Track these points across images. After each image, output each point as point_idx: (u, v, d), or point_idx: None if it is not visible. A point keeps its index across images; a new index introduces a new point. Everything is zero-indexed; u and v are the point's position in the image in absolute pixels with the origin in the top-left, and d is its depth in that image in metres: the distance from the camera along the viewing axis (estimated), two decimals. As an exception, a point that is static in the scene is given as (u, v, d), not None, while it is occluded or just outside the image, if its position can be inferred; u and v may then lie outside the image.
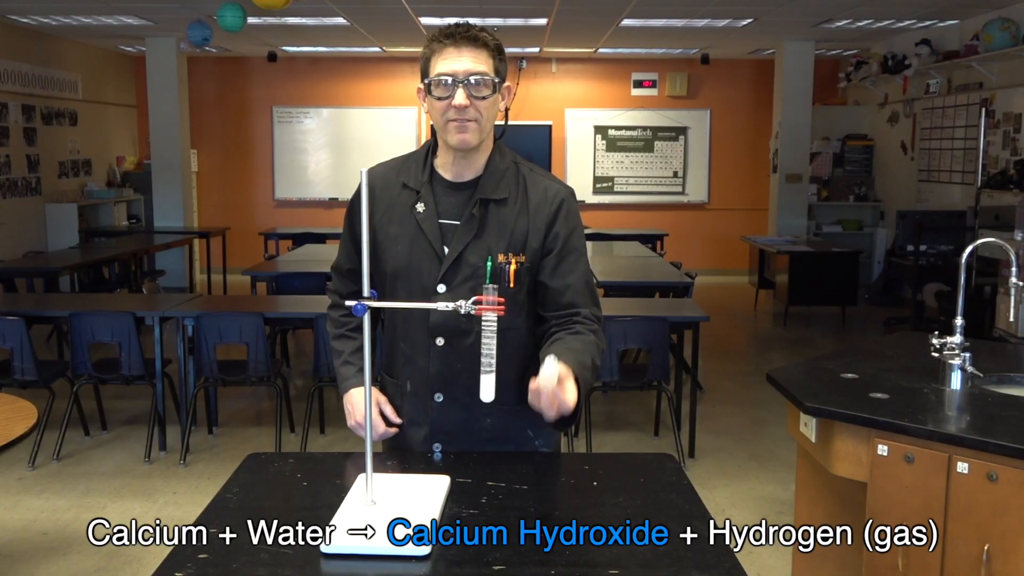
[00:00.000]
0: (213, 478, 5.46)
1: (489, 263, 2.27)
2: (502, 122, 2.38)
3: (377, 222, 2.35)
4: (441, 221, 2.32)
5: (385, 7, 9.06)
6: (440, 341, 2.34)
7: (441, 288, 2.28)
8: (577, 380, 2.06)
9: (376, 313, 2.57)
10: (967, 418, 2.83)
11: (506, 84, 2.30)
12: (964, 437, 2.62)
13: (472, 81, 2.21)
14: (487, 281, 2.25)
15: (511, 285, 2.27)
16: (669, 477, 2.25)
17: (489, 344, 2.01)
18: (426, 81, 2.26)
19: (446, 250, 2.30)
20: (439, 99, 2.23)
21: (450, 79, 2.20)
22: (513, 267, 2.28)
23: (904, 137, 11.56)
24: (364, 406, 2.51)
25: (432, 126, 2.35)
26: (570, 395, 2.00)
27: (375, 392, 2.44)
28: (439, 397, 2.38)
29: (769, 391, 3.97)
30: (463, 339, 2.31)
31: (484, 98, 2.23)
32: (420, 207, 2.32)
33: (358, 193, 2.36)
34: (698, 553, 1.83)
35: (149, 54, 11.62)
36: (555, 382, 1.96)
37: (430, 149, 2.40)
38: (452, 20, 8.54)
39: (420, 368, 2.38)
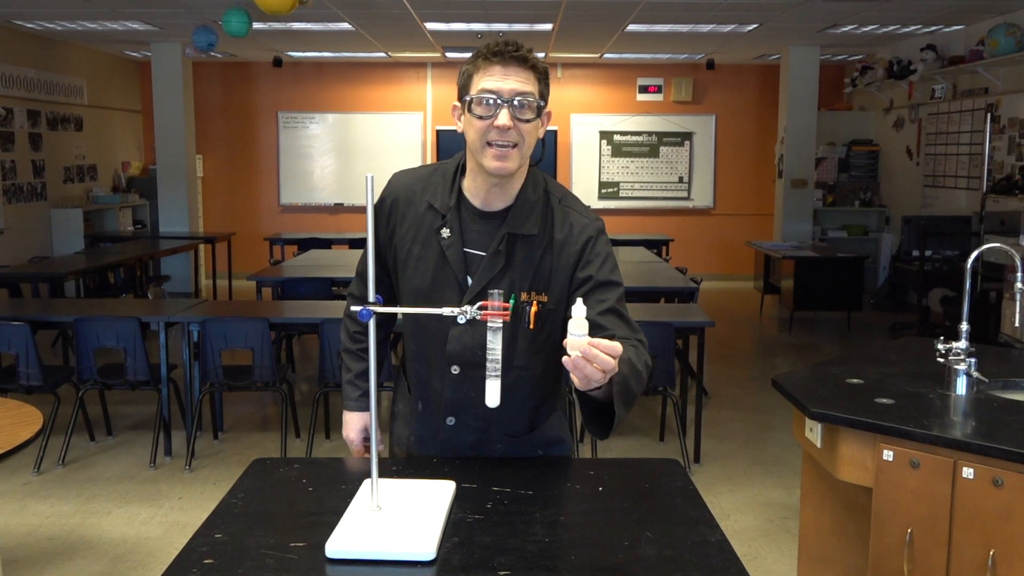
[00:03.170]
0: (218, 483, 5.47)
1: (512, 301, 2.14)
2: (540, 142, 2.26)
3: (399, 238, 2.31)
4: (466, 250, 2.25)
5: (390, 12, 9.07)
6: (456, 369, 2.31)
7: (461, 319, 2.12)
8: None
9: (389, 333, 2.58)
10: (972, 423, 2.82)
11: (547, 109, 2.20)
12: (969, 442, 2.62)
13: (517, 103, 2.11)
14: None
15: (531, 326, 2.19)
16: (674, 482, 2.25)
17: (494, 350, 1.98)
18: (467, 98, 2.15)
19: (469, 280, 2.24)
20: (480, 118, 2.12)
21: (494, 98, 2.10)
22: (534, 308, 2.19)
23: (909, 142, 11.55)
24: (358, 431, 2.56)
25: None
26: (605, 342, 1.80)
27: (367, 419, 2.50)
28: (451, 420, 2.37)
29: (774, 396, 3.98)
30: (479, 371, 2.22)
31: (528, 121, 2.13)
32: (446, 233, 2.24)
33: (381, 200, 2.35)
34: (703, 558, 1.83)
35: (154, 59, 11.64)
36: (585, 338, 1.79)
37: (459, 168, 2.30)
38: (458, 26, 8.51)
39: (434, 391, 2.36)
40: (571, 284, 2.24)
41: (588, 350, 1.78)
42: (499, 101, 2.10)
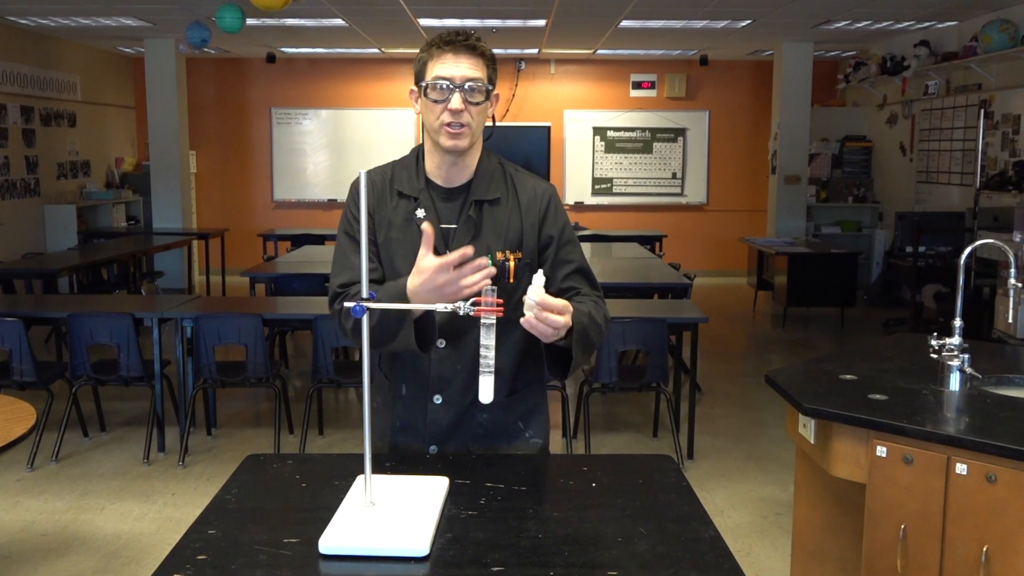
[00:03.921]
0: (212, 479, 5.46)
1: (490, 260, 2.27)
2: (491, 123, 2.45)
3: (377, 224, 2.40)
4: (441, 226, 2.37)
5: (383, 8, 9.06)
6: (441, 343, 2.37)
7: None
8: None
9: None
10: (966, 419, 2.83)
11: (495, 92, 2.37)
12: (963, 438, 2.62)
13: (468, 87, 2.28)
14: None
15: (511, 280, 2.34)
16: (668, 478, 2.25)
17: (488, 345, 2.02)
18: (422, 84, 2.33)
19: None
20: (436, 102, 2.30)
21: (447, 83, 2.28)
22: (512, 263, 2.35)
23: (903, 138, 11.57)
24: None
25: (423, 128, 2.39)
26: (554, 302, 2.09)
27: (434, 259, 2.15)
28: (438, 399, 2.41)
29: (768, 392, 3.98)
30: (464, 338, 2.36)
31: (478, 104, 2.31)
32: (420, 213, 2.37)
33: (354, 197, 2.41)
34: (697, 554, 1.83)
35: (148, 55, 11.62)
36: (538, 300, 2.07)
37: (419, 155, 2.46)
38: (451, 21, 8.57)
39: (420, 371, 2.41)
40: (539, 242, 2.42)
41: (539, 313, 2.07)
42: (451, 86, 2.28)
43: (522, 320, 2.08)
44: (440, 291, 2.11)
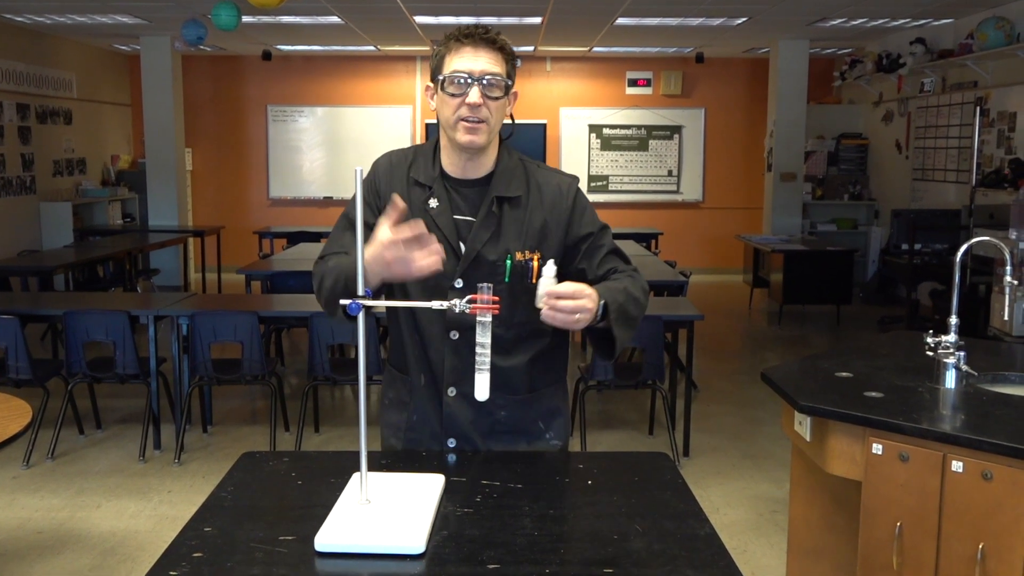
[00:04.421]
0: (208, 477, 5.46)
1: (508, 261, 2.31)
2: (509, 122, 2.41)
3: (381, 211, 2.32)
4: (455, 217, 2.34)
5: (379, 6, 9.05)
6: (455, 335, 2.35)
7: (459, 283, 2.31)
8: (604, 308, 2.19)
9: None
10: (962, 417, 2.83)
11: (513, 89, 2.34)
12: (959, 436, 2.62)
13: (486, 81, 2.24)
14: (506, 278, 2.30)
15: (534, 281, 2.32)
16: (664, 476, 2.25)
17: (484, 343, 2.02)
18: (440, 77, 2.28)
19: (462, 246, 2.32)
20: (453, 95, 2.25)
21: (466, 77, 2.24)
22: (536, 264, 2.32)
23: (899, 136, 11.57)
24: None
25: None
26: (564, 290, 2.09)
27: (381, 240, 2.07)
28: (452, 392, 2.39)
29: (764, 390, 3.98)
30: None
31: (496, 99, 2.27)
32: (434, 203, 2.34)
33: (366, 183, 2.38)
34: (693, 552, 1.83)
35: (144, 53, 11.60)
36: (549, 290, 2.10)
37: (436, 146, 2.41)
38: (447, 19, 8.54)
39: (434, 362, 2.39)
40: (566, 238, 2.39)
41: (553, 303, 2.08)
42: (470, 80, 2.24)
43: (541, 314, 2.09)
44: (388, 268, 2.04)
